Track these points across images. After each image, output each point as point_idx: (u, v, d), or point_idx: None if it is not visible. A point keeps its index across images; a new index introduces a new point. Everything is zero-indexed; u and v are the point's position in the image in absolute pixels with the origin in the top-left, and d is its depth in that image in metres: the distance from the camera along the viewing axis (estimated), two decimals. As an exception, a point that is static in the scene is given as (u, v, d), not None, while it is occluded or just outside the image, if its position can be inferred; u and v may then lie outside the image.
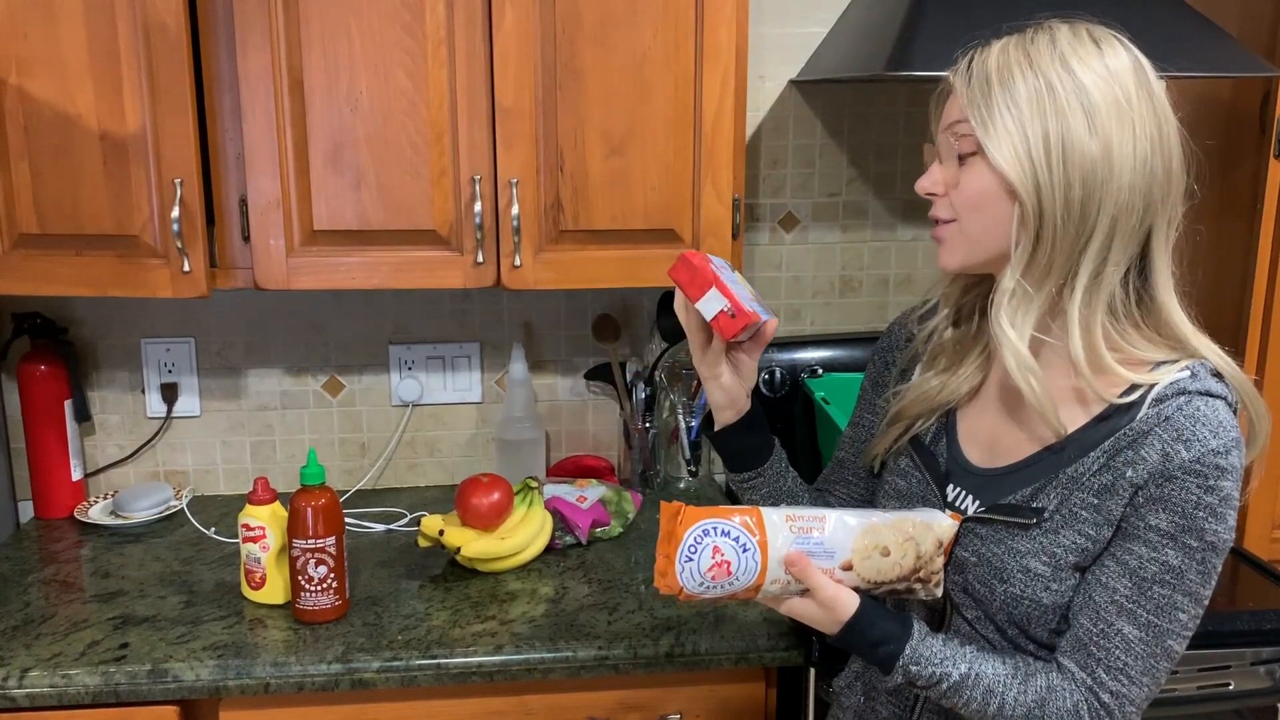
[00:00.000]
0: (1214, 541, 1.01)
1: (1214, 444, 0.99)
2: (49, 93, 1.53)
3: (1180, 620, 1.02)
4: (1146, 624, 1.02)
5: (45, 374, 1.88)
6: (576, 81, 1.59)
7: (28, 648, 1.46)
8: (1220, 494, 1.00)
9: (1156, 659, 1.03)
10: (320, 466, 1.51)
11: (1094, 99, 1.00)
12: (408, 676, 1.44)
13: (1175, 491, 1.00)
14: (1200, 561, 1.01)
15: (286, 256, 1.61)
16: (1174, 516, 1.01)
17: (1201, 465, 0.99)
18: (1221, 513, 1.00)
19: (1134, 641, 1.03)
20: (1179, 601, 1.02)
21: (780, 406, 2.03)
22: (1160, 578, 1.02)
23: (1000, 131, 1.01)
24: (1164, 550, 1.01)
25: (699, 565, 1.05)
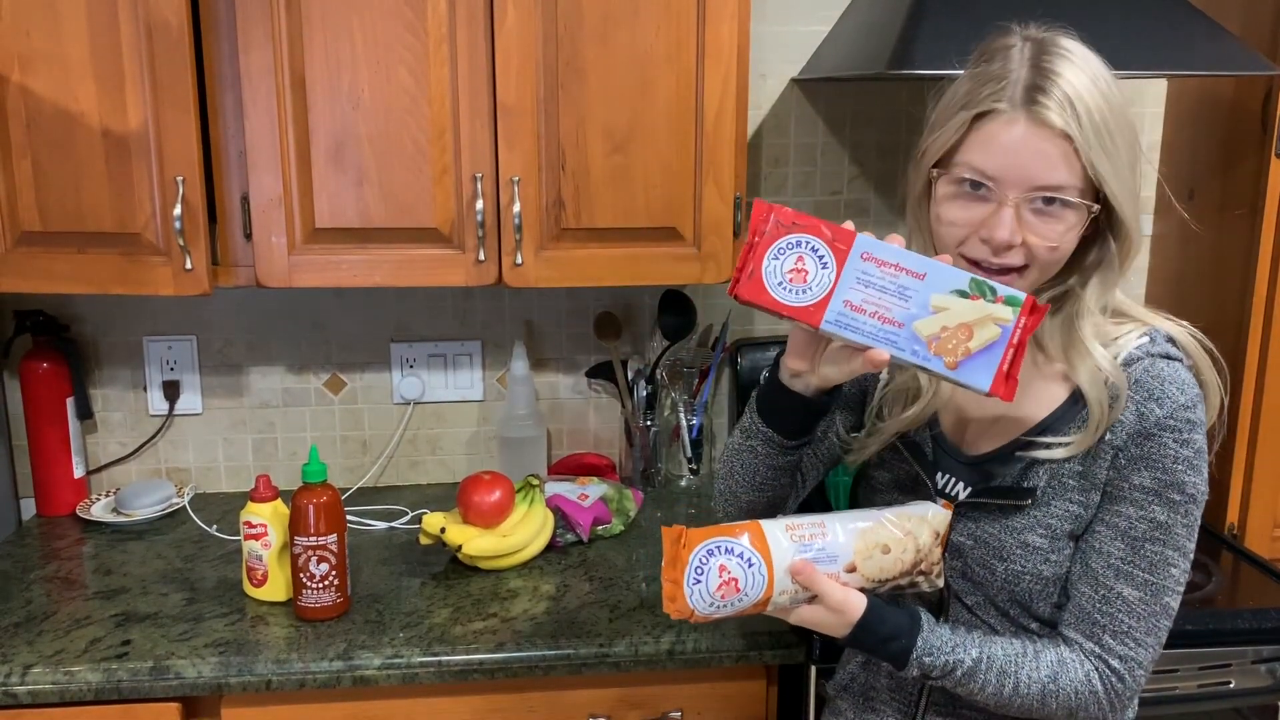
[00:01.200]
0: (1194, 494, 1.06)
1: (1182, 399, 1.05)
2: (51, 90, 1.53)
3: (1173, 575, 1.06)
4: (1144, 583, 1.06)
5: (47, 371, 1.89)
6: (578, 79, 1.59)
7: (30, 645, 1.47)
8: (1194, 446, 1.05)
9: (1157, 618, 1.07)
10: (322, 464, 1.51)
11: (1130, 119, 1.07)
12: (409, 674, 1.44)
13: (1154, 449, 1.05)
14: (1184, 515, 1.06)
15: (288, 254, 1.61)
16: (1156, 473, 1.05)
17: (1175, 420, 1.05)
18: (1198, 465, 1.06)
19: (1134, 603, 1.06)
20: (1170, 556, 1.06)
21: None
22: (1150, 535, 1.06)
23: (1121, 183, 1.05)
24: (1150, 508, 1.06)
25: (707, 586, 1.05)
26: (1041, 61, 1.04)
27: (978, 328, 0.99)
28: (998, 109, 1.04)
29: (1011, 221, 1.04)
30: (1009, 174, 1.03)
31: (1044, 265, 1.07)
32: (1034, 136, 1.02)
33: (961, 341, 0.99)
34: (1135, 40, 1.53)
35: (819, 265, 1.00)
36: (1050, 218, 1.04)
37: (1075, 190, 1.03)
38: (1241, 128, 1.87)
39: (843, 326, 1.00)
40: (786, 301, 1.00)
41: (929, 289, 0.99)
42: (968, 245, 1.07)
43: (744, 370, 2.03)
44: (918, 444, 1.20)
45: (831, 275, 0.99)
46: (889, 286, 0.99)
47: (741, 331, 2.12)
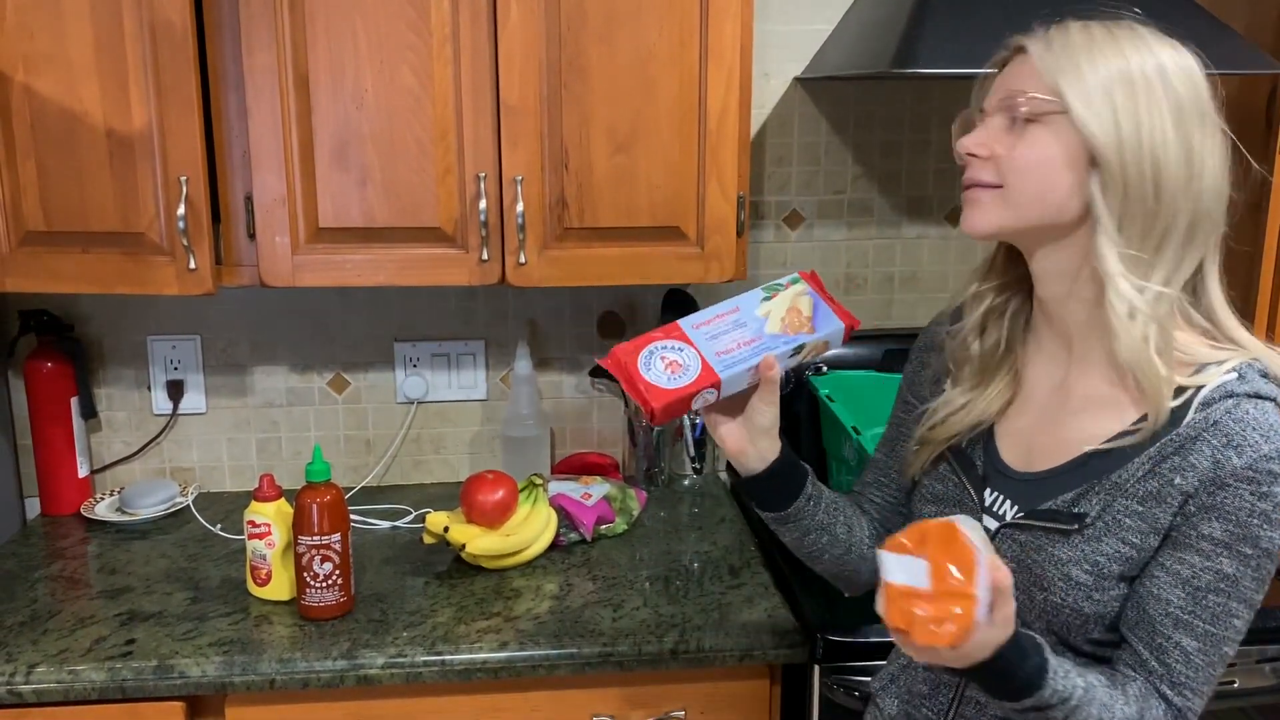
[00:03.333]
0: (1269, 548, 0.99)
1: (1266, 449, 0.97)
2: (55, 90, 1.53)
3: (1235, 627, 1.01)
4: (1204, 634, 1.01)
5: (52, 371, 1.89)
6: (581, 79, 1.59)
7: (35, 644, 1.47)
8: (1275, 500, 0.97)
9: (1214, 666, 1.02)
10: (325, 463, 1.52)
11: (1180, 98, 1.01)
12: (412, 673, 1.44)
13: (1228, 499, 0.98)
14: (1255, 569, 0.99)
15: (292, 254, 1.61)
16: (1228, 525, 0.98)
17: (1254, 471, 0.97)
18: (1276, 519, 0.98)
19: (1193, 653, 1.01)
20: (1234, 609, 1.00)
21: (785, 404, 2.01)
22: (1215, 586, 1.00)
23: (1091, 97, 0.99)
24: (1219, 559, 0.99)
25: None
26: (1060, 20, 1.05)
27: (799, 305, 1.19)
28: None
29: (980, 133, 1.06)
30: (989, 97, 1.08)
31: (1016, 181, 1.03)
32: (1012, 64, 1.07)
33: (799, 316, 1.18)
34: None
35: (678, 352, 1.15)
36: (1017, 129, 1.03)
37: (1039, 95, 1.01)
38: (1246, 127, 1.86)
39: (733, 365, 1.14)
40: (687, 383, 1.12)
41: (748, 311, 1.18)
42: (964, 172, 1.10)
43: (747, 369, 2.03)
44: (968, 457, 1.16)
45: (692, 351, 1.14)
46: (727, 328, 1.17)
47: (745, 331, 2.11)
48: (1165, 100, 1.00)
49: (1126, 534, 1.02)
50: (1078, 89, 1.00)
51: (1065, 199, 1.02)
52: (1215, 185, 1.02)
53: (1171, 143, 0.99)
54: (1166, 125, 1.00)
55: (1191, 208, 1.01)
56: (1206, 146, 1.01)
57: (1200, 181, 1.01)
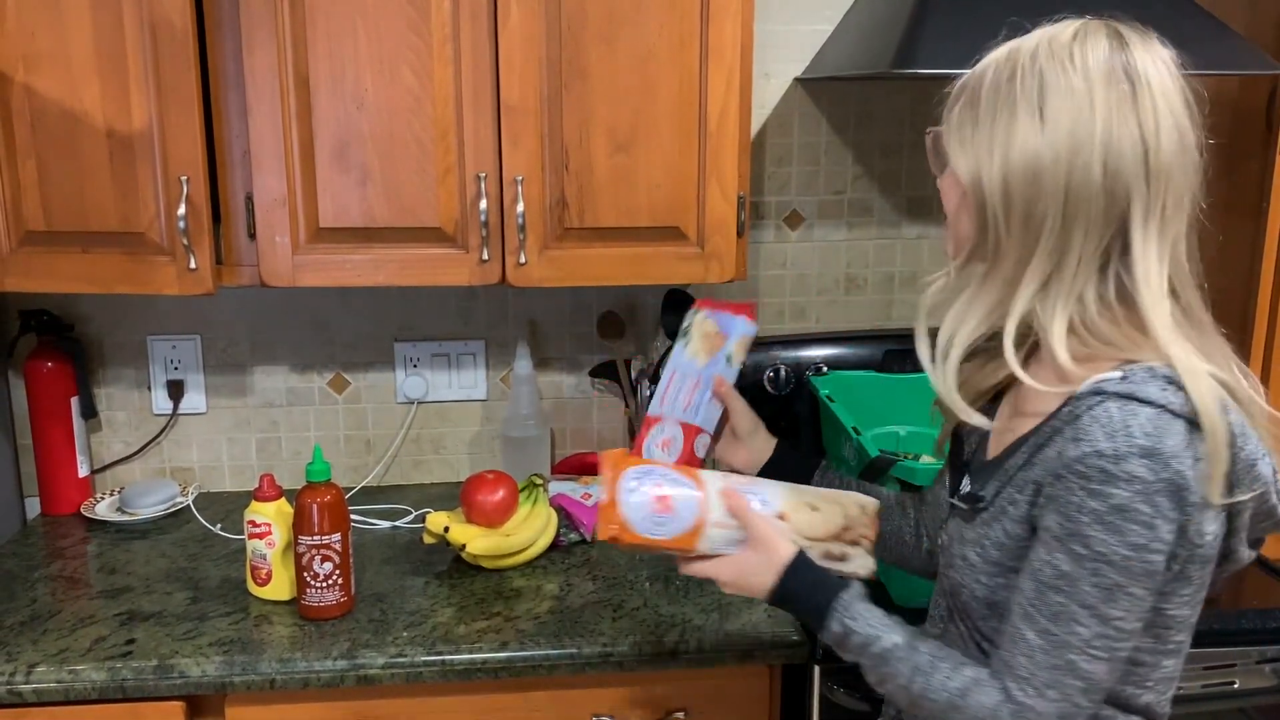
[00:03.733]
0: (1105, 554, 0.94)
1: (1104, 445, 0.93)
2: (56, 90, 1.53)
3: (1080, 635, 0.96)
4: (1044, 632, 0.98)
5: (52, 371, 1.89)
6: (581, 79, 1.59)
7: (34, 643, 1.47)
8: (1110, 501, 0.93)
9: (1060, 673, 0.97)
10: (326, 463, 1.52)
11: (1048, 85, 0.97)
12: (413, 673, 1.45)
13: (1061, 491, 0.96)
14: (1092, 573, 0.94)
15: (292, 254, 1.61)
16: (1060, 518, 0.96)
17: (1085, 466, 0.94)
18: (1112, 523, 0.93)
19: (1035, 649, 0.98)
20: (1076, 613, 0.96)
21: (785, 404, 2.03)
22: (1054, 584, 0.97)
23: (960, 137, 1.04)
24: (1055, 554, 0.97)
25: (643, 499, 1.11)
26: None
27: (707, 329, 1.38)
28: None
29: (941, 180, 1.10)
30: None
31: (952, 239, 1.10)
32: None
33: (712, 336, 1.37)
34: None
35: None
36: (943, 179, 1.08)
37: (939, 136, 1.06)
38: (1246, 127, 1.86)
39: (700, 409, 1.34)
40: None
41: (680, 363, 1.38)
42: None
43: (747, 370, 2.02)
44: (961, 440, 1.19)
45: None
46: (678, 387, 1.36)
47: (745, 331, 2.11)
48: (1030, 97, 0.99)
49: (1005, 521, 1.03)
50: (953, 133, 1.05)
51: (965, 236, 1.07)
52: (1087, 166, 0.96)
53: (1030, 140, 0.98)
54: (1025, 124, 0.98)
55: (1061, 197, 0.97)
56: (1080, 126, 0.96)
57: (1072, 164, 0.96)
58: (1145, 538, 0.93)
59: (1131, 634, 0.97)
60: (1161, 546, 0.94)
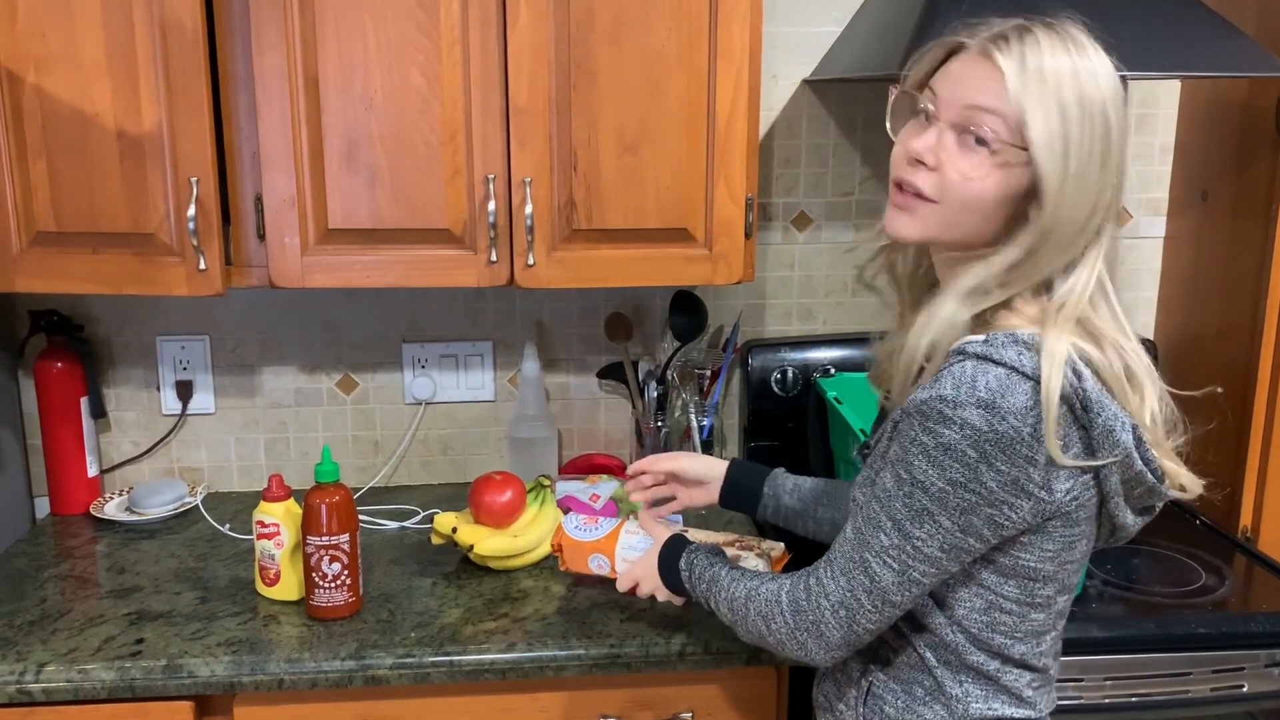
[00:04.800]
0: (923, 481, 1.04)
1: (948, 393, 1.02)
2: (66, 92, 1.54)
3: (880, 542, 1.07)
4: (857, 529, 1.10)
5: (61, 371, 1.90)
6: (590, 81, 1.60)
7: (44, 643, 1.47)
8: (938, 438, 1.02)
9: (854, 566, 1.09)
10: (334, 464, 1.52)
11: (1110, 130, 1.03)
12: (420, 673, 1.45)
13: (905, 426, 1.06)
14: (907, 495, 1.05)
15: (301, 255, 1.61)
16: (897, 447, 1.07)
17: (925, 407, 1.03)
18: (936, 458, 1.03)
19: (846, 541, 1.11)
20: (883, 522, 1.07)
21: (792, 406, 2.03)
22: (876, 495, 1.08)
23: (1054, 145, 1.02)
24: (885, 474, 1.08)
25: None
26: (1030, 26, 1.05)
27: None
28: (965, 44, 1.09)
29: (931, 138, 1.08)
30: (946, 97, 1.08)
31: (954, 204, 1.07)
32: (976, 67, 1.06)
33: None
34: (1148, 41, 1.53)
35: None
36: (969, 151, 1.05)
37: (998, 131, 1.03)
38: (1255, 129, 1.86)
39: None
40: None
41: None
42: (898, 166, 1.13)
43: (755, 371, 2.03)
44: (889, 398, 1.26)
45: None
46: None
47: (753, 333, 2.12)
48: (1101, 141, 1.03)
49: (879, 462, 1.12)
50: (1044, 135, 1.01)
51: (992, 230, 1.08)
52: (1116, 185, 1.06)
53: (1094, 185, 1.04)
54: (1097, 167, 1.03)
55: (1101, 217, 1.06)
56: (1119, 151, 1.05)
57: (1113, 183, 1.05)
58: (964, 476, 1.02)
59: (929, 559, 1.06)
60: (981, 490, 1.02)
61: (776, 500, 1.49)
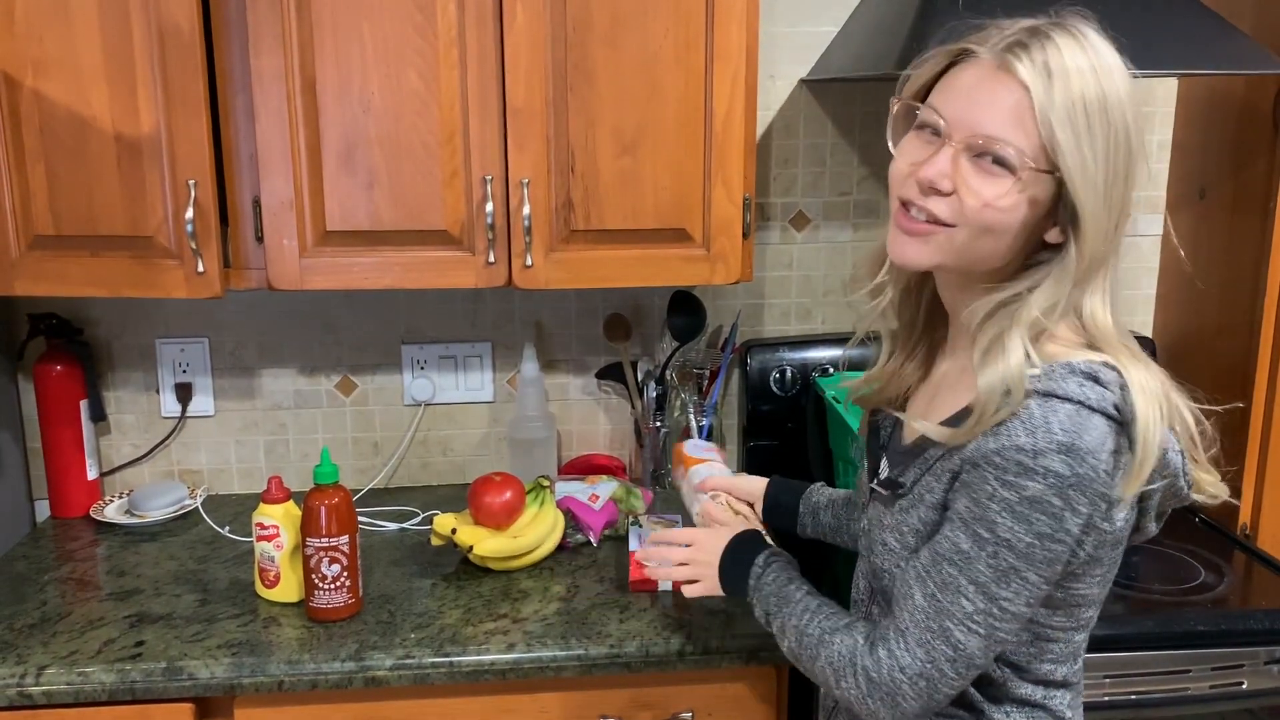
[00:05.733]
0: (1009, 539, 0.97)
1: (1021, 440, 0.96)
2: (64, 95, 1.54)
3: (963, 608, 1.00)
4: (930, 595, 1.02)
5: (61, 374, 1.90)
6: (587, 82, 1.60)
7: (44, 645, 1.48)
8: (1022, 492, 0.96)
9: (933, 636, 1.01)
10: (333, 465, 1.52)
11: (1130, 124, 0.99)
12: (420, 675, 1.45)
13: (976, 479, 0.99)
14: (992, 555, 0.98)
15: (300, 257, 1.62)
16: (970, 503, 1.00)
17: (1002, 458, 0.97)
18: (1022, 513, 0.96)
19: (918, 609, 1.02)
20: (964, 587, 0.99)
21: (791, 405, 2.03)
22: (950, 557, 1.01)
23: (1087, 170, 0.96)
24: (958, 533, 1.00)
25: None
26: (1042, 28, 0.99)
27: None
28: (975, 52, 1.01)
29: (945, 163, 1.00)
30: (959, 115, 1.00)
31: (973, 230, 1.00)
32: (994, 82, 0.98)
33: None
34: (1146, 39, 1.53)
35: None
36: (989, 175, 0.98)
37: (1023, 152, 0.96)
38: (1252, 126, 1.86)
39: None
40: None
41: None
42: (905, 186, 1.04)
43: (753, 371, 2.03)
44: (877, 426, 1.23)
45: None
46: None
47: (751, 333, 2.12)
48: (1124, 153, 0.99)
49: (923, 508, 1.06)
50: (1077, 159, 0.96)
51: (1011, 255, 1.03)
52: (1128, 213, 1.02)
53: (1119, 199, 1.00)
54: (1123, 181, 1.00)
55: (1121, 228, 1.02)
56: (1137, 164, 1.00)
57: (1123, 223, 1.02)
58: (1051, 528, 0.96)
59: (1015, 617, 1.00)
60: (1066, 538, 0.97)
61: (814, 517, 1.48)
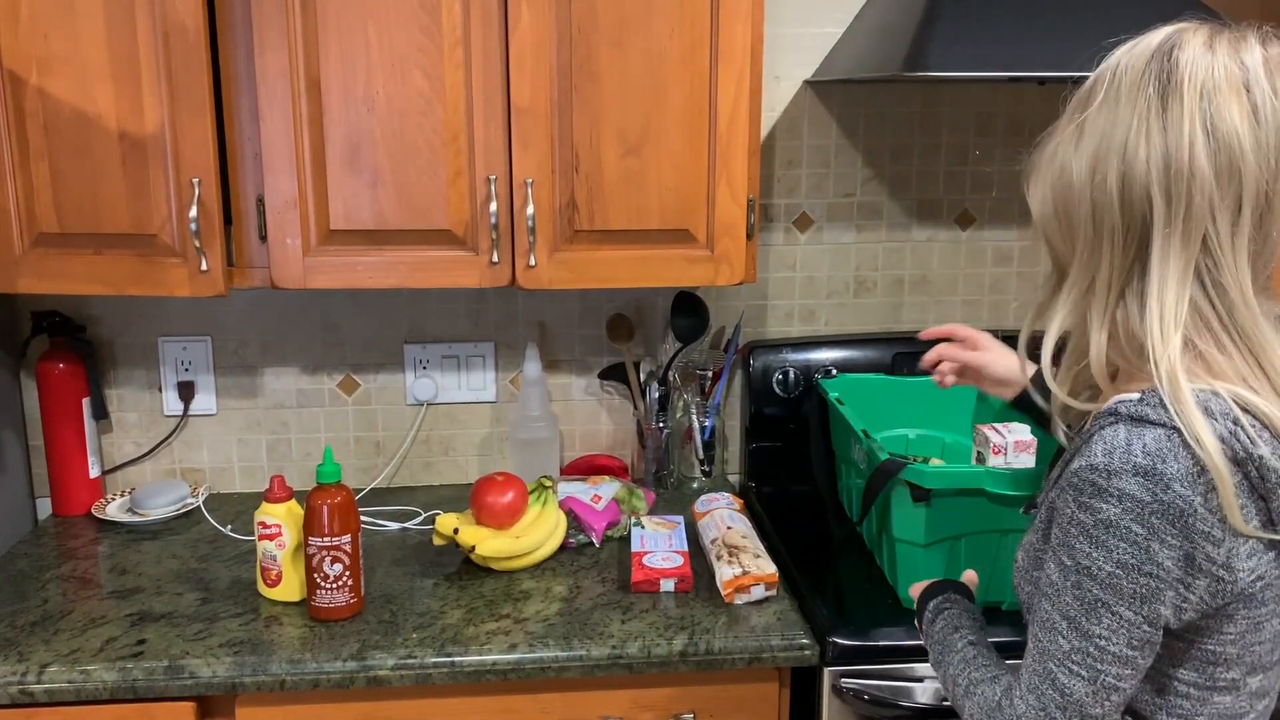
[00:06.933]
0: (1089, 566, 0.92)
1: (1100, 460, 0.91)
2: (69, 93, 1.54)
3: (1061, 647, 0.95)
4: (1034, 637, 0.98)
5: (64, 372, 1.90)
6: (592, 82, 1.60)
7: (46, 644, 1.48)
8: (1097, 515, 0.91)
9: (1040, 680, 0.96)
10: (336, 465, 1.52)
11: (1091, 101, 0.96)
12: (422, 675, 1.45)
13: (1060, 503, 0.96)
14: (1075, 585, 0.93)
15: (303, 256, 1.62)
16: (1057, 529, 0.96)
17: (1078, 478, 0.93)
18: (1098, 537, 0.91)
19: (1029, 654, 0.99)
20: (1057, 623, 0.95)
21: (794, 407, 2.03)
22: (1045, 590, 0.97)
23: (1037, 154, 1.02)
24: (1049, 563, 0.97)
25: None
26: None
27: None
28: None
29: None
30: None
31: None
32: None
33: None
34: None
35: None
36: None
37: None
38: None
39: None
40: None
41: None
42: None
43: (756, 372, 2.03)
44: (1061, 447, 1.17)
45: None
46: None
47: (754, 334, 2.12)
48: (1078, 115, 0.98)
49: (1034, 533, 1.05)
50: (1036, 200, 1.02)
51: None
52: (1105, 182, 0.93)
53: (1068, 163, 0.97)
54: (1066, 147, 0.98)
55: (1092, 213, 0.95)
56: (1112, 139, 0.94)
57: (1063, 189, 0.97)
58: (1135, 558, 0.90)
59: (1119, 659, 0.93)
60: (1158, 571, 0.90)
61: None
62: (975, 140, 2.06)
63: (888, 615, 1.55)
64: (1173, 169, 0.90)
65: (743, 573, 1.58)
